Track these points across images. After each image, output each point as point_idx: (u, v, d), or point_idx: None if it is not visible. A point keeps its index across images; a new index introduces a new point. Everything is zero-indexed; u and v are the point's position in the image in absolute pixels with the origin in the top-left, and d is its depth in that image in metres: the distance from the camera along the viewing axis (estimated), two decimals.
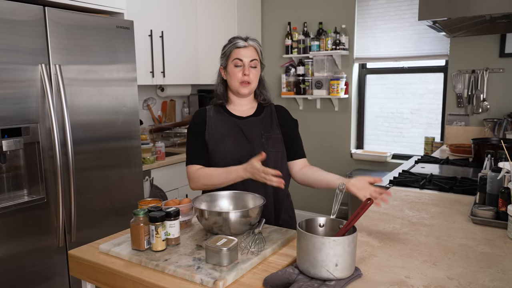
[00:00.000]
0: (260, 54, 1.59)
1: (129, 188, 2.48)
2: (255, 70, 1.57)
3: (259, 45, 1.61)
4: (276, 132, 1.62)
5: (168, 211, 1.17)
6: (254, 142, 1.56)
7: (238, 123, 1.60)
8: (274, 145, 1.59)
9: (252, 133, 1.58)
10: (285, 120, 1.66)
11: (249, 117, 1.62)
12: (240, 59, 1.54)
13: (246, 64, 1.55)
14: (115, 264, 1.13)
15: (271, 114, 1.66)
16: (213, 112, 1.63)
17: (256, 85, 1.62)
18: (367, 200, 1.09)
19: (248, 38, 1.59)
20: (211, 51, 3.53)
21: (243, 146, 1.56)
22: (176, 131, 3.48)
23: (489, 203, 1.49)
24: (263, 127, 1.61)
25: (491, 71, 3.10)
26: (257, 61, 1.57)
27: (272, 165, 1.54)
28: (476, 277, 1.01)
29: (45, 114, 2.01)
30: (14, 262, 1.94)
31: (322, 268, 0.96)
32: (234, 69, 1.56)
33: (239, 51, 1.55)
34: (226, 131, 1.58)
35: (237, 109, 1.64)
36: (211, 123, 1.60)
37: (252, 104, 1.67)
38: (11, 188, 1.97)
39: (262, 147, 1.55)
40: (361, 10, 3.71)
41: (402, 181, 2.04)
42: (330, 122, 3.92)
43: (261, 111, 1.65)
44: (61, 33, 2.05)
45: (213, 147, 1.56)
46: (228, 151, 1.54)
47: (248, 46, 1.56)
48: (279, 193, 1.61)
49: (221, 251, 1.04)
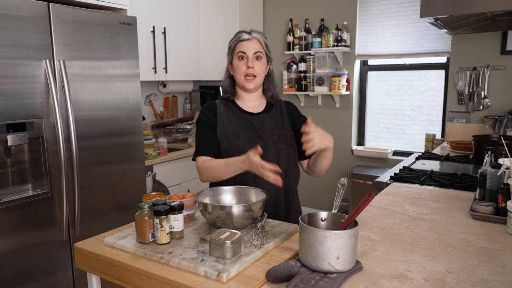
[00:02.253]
0: (264, 46, 1.55)
1: (131, 183, 2.50)
2: (259, 62, 1.53)
3: (264, 37, 1.57)
4: (287, 129, 1.59)
5: (172, 205, 1.19)
6: (267, 140, 1.54)
7: (250, 119, 1.57)
8: (286, 143, 1.57)
9: (264, 130, 1.55)
10: (295, 118, 1.63)
11: (260, 114, 1.59)
12: (243, 52, 1.52)
13: (250, 57, 1.51)
14: (120, 256, 1.14)
15: (281, 111, 1.63)
16: (223, 108, 1.59)
17: (262, 78, 1.57)
18: (368, 195, 1.11)
19: (253, 31, 1.56)
20: (213, 47, 3.54)
21: (256, 144, 1.48)
22: (178, 127, 3.50)
23: (488, 199, 1.51)
24: (274, 124, 1.58)
25: (492, 68, 3.11)
26: (261, 53, 1.53)
27: (284, 164, 1.54)
28: (475, 271, 1.03)
29: (49, 109, 2.03)
30: (19, 255, 1.96)
31: (324, 261, 0.97)
32: (238, 63, 1.53)
33: (242, 44, 1.52)
34: (238, 128, 1.55)
35: (246, 105, 1.61)
36: (222, 119, 1.57)
37: (261, 100, 1.64)
38: (16, 182, 2.00)
39: (274, 145, 1.53)
40: (362, 7, 3.71)
41: (402, 177, 2.05)
42: (331, 119, 3.93)
43: (270, 108, 1.62)
44: (65, 29, 2.07)
45: (226, 144, 1.53)
46: (242, 149, 1.48)
47: (251, 39, 1.53)
48: (290, 190, 1.60)
49: (225, 244, 1.06)
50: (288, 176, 1.58)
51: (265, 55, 1.56)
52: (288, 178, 1.58)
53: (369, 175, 3.51)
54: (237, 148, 1.49)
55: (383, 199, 1.71)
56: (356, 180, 3.62)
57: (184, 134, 3.51)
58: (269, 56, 1.58)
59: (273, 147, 1.54)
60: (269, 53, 1.58)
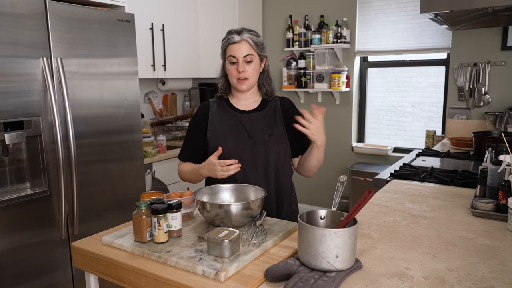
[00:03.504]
0: (255, 47, 1.52)
1: (130, 181, 2.49)
2: (251, 64, 1.52)
3: (256, 36, 1.54)
4: (279, 128, 1.59)
5: (170, 203, 1.18)
6: (256, 139, 1.55)
7: (241, 118, 1.58)
8: (277, 141, 1.56)
9: (254, 129, 1.57)
10: (289, 114, 1.60)
11: (252, 112, 1.60)
12: (233, 56, 1.51)
13: (240, 61, 1.50)
14: (118, 255, 1.14)
15: (275, 109, 1.62)
16: (216, 107, 1.62)
17: (255, 80, 1.58)
18: (367, 193, 1.10)
19: (243, 30, 1.53)
20: (212, 44, 3.53)
21: (244, 143, 1.55)
22: (177, 124, 3.49)
23: (489, 196, 1.50)
24: (266, 122, 1.58)
25: (493, 64, 3.09)
26: (252, 55, 1.51)
27: (274, 163, 1.56)
28: (475, 269, 1.02)
29: (47, 107, 2.02)
30: (17, 254, 1.95)
31: (323, 259, 0.97)
32: (230, 66, 1.53)
33: (232, 47, 1.51)
34: (228, 128, 1.57)
35: (240, 103, 1.62)
36: (213, 119, 1.60)
37: (256, 97, 1.64)
38: (14, 181, 1.99)
39: (264, 144, 1.55)
40: (362, 3, 3.69)
41: (403, 174, 2.04)
42: (331, 116, 3.92)
43: (265, 105, 1.62)
44: (62, 26, 2.05)
45: (214, 144, 1.55)
46: (230, 148, 1.53)
47: (241, 41, 1.50)
48: (281, 189, 1.60)
49: (223, 242, 1.05)
50: (279, 175, 1.59)
51: (256, 55, 1.53)
52: (279, 177, 1.59)
53: (369, 172, 3.51)
54: (225, 148, 1.51)
55: (383, 196, 1.70)
56: (356, 177, 3.61)
57: (183, 132, 3.50)
58: (262, 54, 1.56)
59: (262, 146, 1.55)
60: (261, 52, 1.55)
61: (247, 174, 1.53)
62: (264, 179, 1.56)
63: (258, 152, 1.54)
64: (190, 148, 1.64)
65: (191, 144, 1.64)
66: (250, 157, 1.54)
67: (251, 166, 1.54)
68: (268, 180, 1.56)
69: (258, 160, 1.55)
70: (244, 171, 1.51)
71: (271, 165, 1.56)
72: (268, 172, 1.56)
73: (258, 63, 1.56)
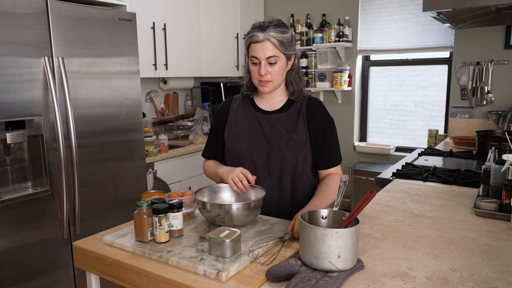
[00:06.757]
0: (280, 47, 1.36)
1: (132, 180, 2.49)
2: (275, 66, 1.38)
3: (282, 33, 1.37)
4: (300, 133, 1.44)
5: (171, 203, 1.18)
6: (272, 143, 1.44)
7: (261, 119, 1.48)
8: (294, 148, 1.43)
9: (273, 132, 1.46)
10: (315, 118, 1.47)
11: (274, 113, 1.48)
12: (255, 57, 1.38)
13: (263, 63, 1.37)
14: (119, 255, 1.13)
15: (299, 111, 1.47)
16: (238, 104, 1.54)
17: (279, 81, 1.44)
18: (369, 192, 1.09)
19: (269, 26, 1.36)
20: (214, 43, 3.52)
21: (260, 148, 1.46)
22: (179, 123, 3.48)
23: (492, 195, 1.49)
24: (286, 126, 1.45)
25: (496, 63, 3.08)
26: (276, 56, 1.37)
27: (290, 171, 1.44)
28: (478, 269, 1.02)
29: (48, 106, 2.01)
30: (19, 254, 1.96)
31: (325, 259, 0.96)
32: (252, 67, 1.41)
33: (255, 47, 1.37)
34: (245, 129, 1.48)
35: (264, 103, 1.51)
36: (232, 118, 1.52)
37: (282, 96, 1.51)
38: (15, 180, 1.99)
39: (279, 150, 1.44)
40: (364, 2, 3.67)
41: (405, 173, 2.03)
42: (333, 115, 3.83)
43: (289, 106, 1.49)
44: (64, 25, 2.05)
45: (230, 146, 1.50)
46: (244, 151, 1.46)
47: (264, 41, 1.35)
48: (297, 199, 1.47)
49: (224, 242, 1.04)
50: (295, 184, 1.46)
51: (282, 55, 1.39)
52: (295, 186, 1.47)
53: (372, 171, 3.50)
54: (239, 151, 1.48)
55: (385, 195, 1.69)
56: (359, 177, 3.60)
57: (185, 131, 3.49)
58: (288, 53, 1.41)
59: (278, 152, 1.44)
60: (287, 50, 1.39)
61: (260, 181, 1.44)
62: (278, 187, 1.46)
63: (273, 158, 1.44)
64: (211, 146, 1.60)
65: (212, 141, 1.60)
66: (264, 162, 1.45)
67: (264, 172, 1.45)
68: (282, 189, 1.46)
69: (272, 167, 1.45)
70: (257, 177, 1.40)
71: (287, 173, 1.44)
72: (282, 181, 1.45)
73: (284, 63, 1.41)
